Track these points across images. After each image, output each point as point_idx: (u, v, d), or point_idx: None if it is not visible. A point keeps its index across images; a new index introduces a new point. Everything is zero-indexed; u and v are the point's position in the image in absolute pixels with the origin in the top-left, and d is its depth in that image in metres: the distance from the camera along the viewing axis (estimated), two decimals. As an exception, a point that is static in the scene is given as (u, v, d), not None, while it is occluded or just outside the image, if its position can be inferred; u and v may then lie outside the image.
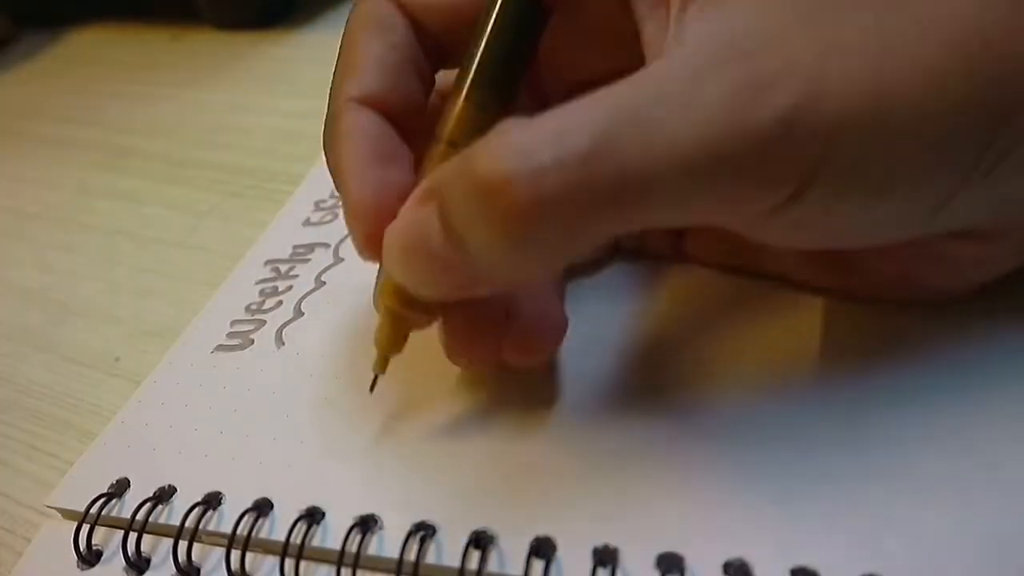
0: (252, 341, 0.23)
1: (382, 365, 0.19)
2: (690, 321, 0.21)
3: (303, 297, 0.25)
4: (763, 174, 0.13)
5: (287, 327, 0.24)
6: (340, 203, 0.29)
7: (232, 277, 0.27)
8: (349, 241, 0.27)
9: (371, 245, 0.17)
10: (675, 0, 0.15)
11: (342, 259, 0.26)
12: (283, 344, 0.23)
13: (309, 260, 0.26)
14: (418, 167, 0.18)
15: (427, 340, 0.19)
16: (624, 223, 0.14)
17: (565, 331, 0.19)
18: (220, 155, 0.38)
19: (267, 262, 0.27)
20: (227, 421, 0.21)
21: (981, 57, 0.13)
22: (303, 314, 0.24)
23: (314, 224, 0.28)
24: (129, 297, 0.29)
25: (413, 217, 0.15)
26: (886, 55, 0.13)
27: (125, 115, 0.44)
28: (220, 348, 0.23)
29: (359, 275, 0.25)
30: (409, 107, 0.18)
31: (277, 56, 0.47)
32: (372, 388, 0.19)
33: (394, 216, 0.16)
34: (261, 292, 0.25)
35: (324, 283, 0.25)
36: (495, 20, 0.17)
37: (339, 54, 0.19)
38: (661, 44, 0.16)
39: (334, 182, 0.18)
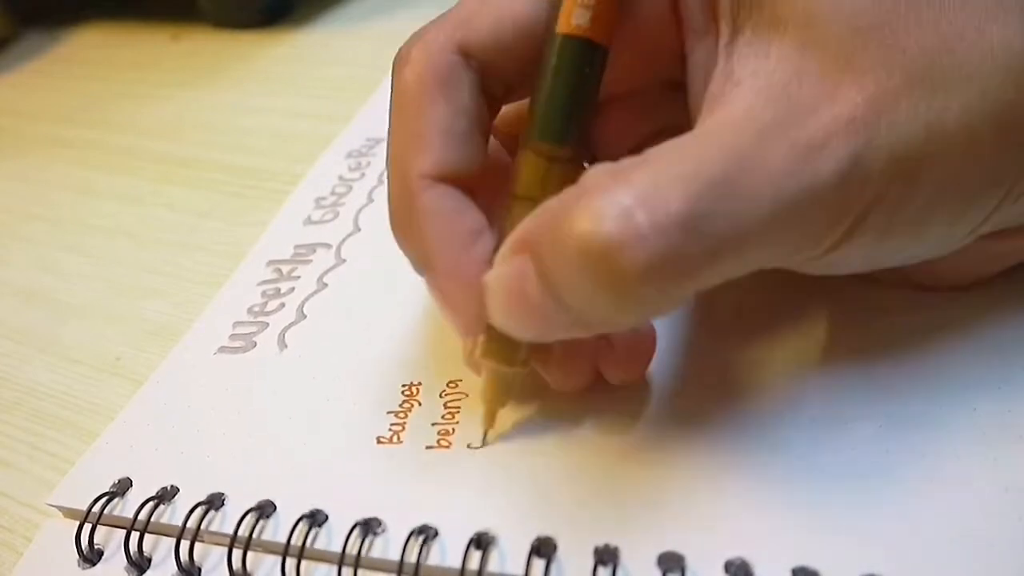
0: (255, 344, 0.23)
1: (491, 420, 0.19)
2: (692, 321, 0.21)
3: (305, 299, 0.25)
4: (822, 220, 0.14)
5: (289, 329, 0.24)
6: (342, 198, 0.29)
7: (234, 277, 0.27)
8: (350, 241, 0.27)
9: (472, 328, 0.17)
10: (724, 30, 0.16)
11: (344, 260, 0.26)
12: (285, 347, 0.23)
13: (311, 261, 0.26)
14: (492, 222, 0.17)
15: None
16: (715, 279, 0.14)
17: (656, 341, 0.19)
18: (220, 155, 0.38)
19: (269, 262, 0.27)
20: (229, 423, 0.21)
21: (1005, 110, 0.14)
22: (305, 316, 0.24)
23: (315, 223, 0.29)
24: (130, 297, 0.29)
25: (509, 269, 0.15)
26: (931, 111, 0.14)
27: (125, 115, 0.44)
28: (223, 350, 0.23)
29: (360, 277, 0.25)
30: (476, 170, 0.18)
31: (277, 56, 0.47)
32: (483, 442, 0.19)
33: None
34: (263, 293, 0.26)
35: (326, 285, 0.25)
36: (555, 68, 0.16)
37: (398, 113, 0.18)
38: (709, 71, 0.16)
39: (414, 262, 0.18)
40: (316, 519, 0.18)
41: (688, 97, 0.17)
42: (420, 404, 0.20)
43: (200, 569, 0.18)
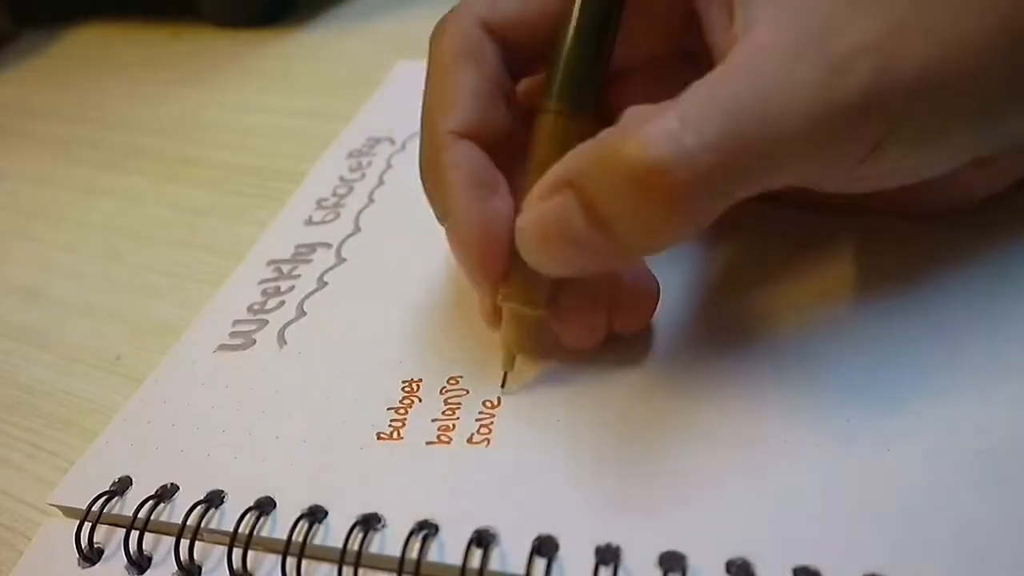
0: (254, 341, 0.23)
1: (510, 363, 0.20)
2: (685, 306, 0.21)
3: (305, 297, 0.25)
4: (850, 136, 0.16)
5: (289, 327, 0.24)
6: (343, 199, 0.29)
7: (234, 276, 0.27)
8: (351, 241, 0.27)
9: (485, 266, 0.18)
10: None
11: (344, 259, 0.26)
12: (285, 344, 0.23)
13: (311, 260, 0.26)
14: (511, 182, 0.19)
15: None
16: (751, 190, 0.15)
17: (659, 287, 0.20)
18: (221, 154, 0.38)
19: (269, 262, 0.27)
20: (229, 420, 0.21)
21: (1015, 22, 0.15)
22: (305, 314, 0.24)
23: (316, 223, 0.29)
24: (130, 296, 0.29)
25: (547, 207, 0.16)
26: (939, 32, 0.15)
27: (125, 114, 0.44)
28: (222, 347, 0.23)
29: (360, 275, 0.25)
30: (500, 133, 0.19)
31: (277, 55, 0.47)
32: (503, 385, 0.20)
33: (500, 240, 0.18)
34: (263, 292, 0.25)
35: (326, 283, 0.25)
36: (577, 27, 0.18)
37: (431, 78, 0.20)
38: (726, 28, 0.17)
39: (437, 210, 0.19)
40: (316, 516, 0.18)
41: (712, 53, 0.18)
42: (420, 400, 0.20)
43: (200, 568, 0.18)
